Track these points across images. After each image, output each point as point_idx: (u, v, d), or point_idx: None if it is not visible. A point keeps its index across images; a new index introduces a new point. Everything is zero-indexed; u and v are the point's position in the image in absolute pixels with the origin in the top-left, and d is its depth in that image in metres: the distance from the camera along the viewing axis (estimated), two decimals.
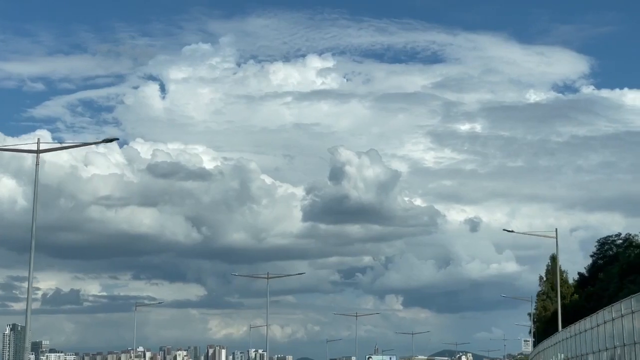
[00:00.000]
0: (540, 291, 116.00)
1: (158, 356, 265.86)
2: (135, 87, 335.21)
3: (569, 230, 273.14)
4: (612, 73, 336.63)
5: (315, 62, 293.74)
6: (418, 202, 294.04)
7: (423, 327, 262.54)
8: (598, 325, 38.99)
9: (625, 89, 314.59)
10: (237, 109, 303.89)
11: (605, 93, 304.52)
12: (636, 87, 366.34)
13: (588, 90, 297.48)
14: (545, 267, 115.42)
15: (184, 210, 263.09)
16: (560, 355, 56.49)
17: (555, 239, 68.24)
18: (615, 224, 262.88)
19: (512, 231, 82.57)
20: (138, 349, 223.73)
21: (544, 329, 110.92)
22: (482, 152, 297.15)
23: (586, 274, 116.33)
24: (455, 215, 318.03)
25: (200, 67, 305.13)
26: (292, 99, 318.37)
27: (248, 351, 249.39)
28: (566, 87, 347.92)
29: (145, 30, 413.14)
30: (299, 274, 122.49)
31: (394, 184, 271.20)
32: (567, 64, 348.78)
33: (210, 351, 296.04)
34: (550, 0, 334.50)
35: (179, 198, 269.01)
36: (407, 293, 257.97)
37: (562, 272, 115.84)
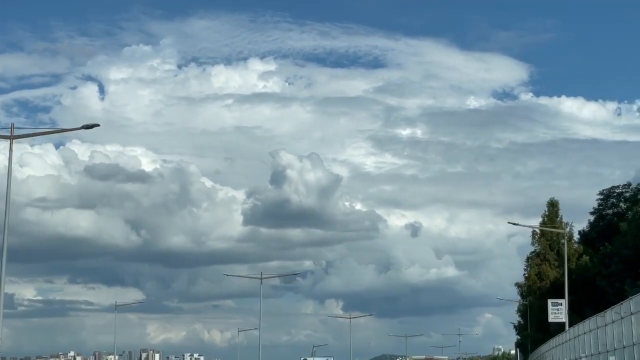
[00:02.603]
0: (533, 252, 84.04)
1: None
2: (73, 88, 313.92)
3: (507, 235, 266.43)
4: (550, 80, 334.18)
5: (257, 65, 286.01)
6: (359, 206, 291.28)
7: (363, 332, 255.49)
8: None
9: (563, 97, 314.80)
10: (177, 111, 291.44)
11: (543, 100, 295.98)
12: (573, 95, 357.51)
13: (527, 97, 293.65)
14: (541, 218, 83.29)
15: (123, 213, 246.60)
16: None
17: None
18: None
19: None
20: (69, 354, 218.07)
21: (538, 306, 79.03)
22: (423, 158, 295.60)
23: (593, 234, 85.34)
24: (396, 220, 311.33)
25: (140, 69, 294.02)
26: (233, 101, 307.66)
27: (183, 355, 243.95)
28: (505, 94, 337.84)
29: (83, 30, 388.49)
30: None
31: (335, 188, 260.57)
32: (506, 70, 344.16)
33: (144, 355, 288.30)
34: (489, 7, 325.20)
35: (118, 200, 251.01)
36: (347, 298, 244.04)
37: (562, 224, 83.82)
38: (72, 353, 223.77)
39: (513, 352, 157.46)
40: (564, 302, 56.38)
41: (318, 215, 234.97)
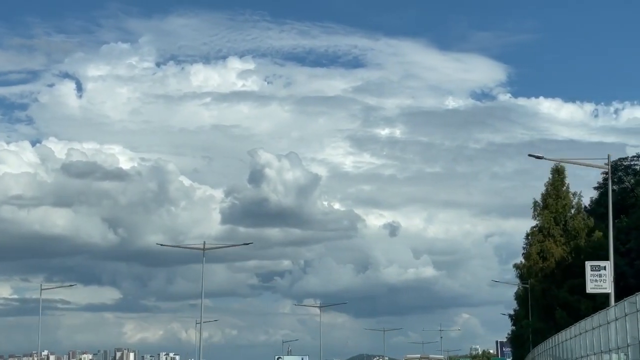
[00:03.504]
0: (535, 228, 71.38)
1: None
2: (51, 85, 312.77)
3: (485, 236, 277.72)
4: (528, 82, 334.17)
5: (235, 64, 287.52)
6: (337, 206, 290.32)
7: (340, 332, 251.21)
8: None
9: (541, 98, 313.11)
10: (155, 109, 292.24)
11: (521, 101, 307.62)
12: (551, 96, 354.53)
13: (505, 98, 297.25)
14: (544, 188, 70.80)
15: (100, 211, 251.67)
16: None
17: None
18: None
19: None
20: (43, 353, 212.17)
21: (541, 290, 66.80)
22: (401, 157, 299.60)
23: (601, 209, 73.19)
24: (374, 220, 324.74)
25: (118, 66, 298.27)
26: (212, 100, 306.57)
27: (159, 355, 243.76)
28: (484, 95, 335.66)
29: (61, 27, 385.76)
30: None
31: (314, 188, 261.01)
32: (484, 71, 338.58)
33: (118, 354, 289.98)
34: (468, 7, 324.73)
35: (95, 199, 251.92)
36: (325, 297, 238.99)
37: (569, 195, 71.36)
38: (45, 352, 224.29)
39: (492, 351, 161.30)
40: (608, 266, 41.65)
41: (296, 214, 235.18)
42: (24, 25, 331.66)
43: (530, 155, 47.87)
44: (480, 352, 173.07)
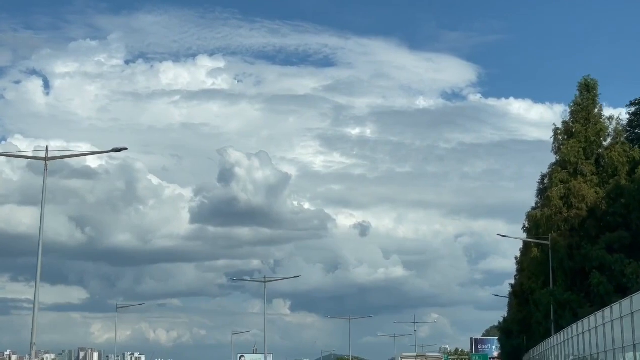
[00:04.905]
0: (555, 165, 52.90)
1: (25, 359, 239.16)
2: (17, 82, 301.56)
3: (454, 236, 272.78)
4: (498, 82, 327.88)
5: (205, 62, 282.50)
6: (307, 205, 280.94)
7: (310, 332, 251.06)
8: None
9: (511, 99, 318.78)
10: (123, 107, 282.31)
11: (491, 101, 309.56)
12: (521, 97, 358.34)
13: (475, 98, 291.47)
14: (568, 110, 52.52)
15: (68, 210, 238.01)
16: None
17: None
18: (498, 231, 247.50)
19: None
20: (5, 353, 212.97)
21: (567, 248, 48.72)
22: (371, 157, 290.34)
23: None
24: (344, 219, 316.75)
25: (86, 63, 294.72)
26: (181, 98, 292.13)
27: (124, 354, 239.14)
28: (454, 95, 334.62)
29: (28, 23, 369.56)
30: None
31: (284, 187, 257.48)
32: (455, 71, 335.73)
33: (82, 354, 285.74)
34: (438, 7, 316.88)
35: (62, 197, 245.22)
36: (294, 297, 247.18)
37: (603, 120, 52.85)
38: (8, 352, 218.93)
39: (465, 349, 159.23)
40: None
41: (266, 214, 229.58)
42: None
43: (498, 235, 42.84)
44: (452, 351, 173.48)
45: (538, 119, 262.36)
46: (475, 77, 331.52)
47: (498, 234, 52.51)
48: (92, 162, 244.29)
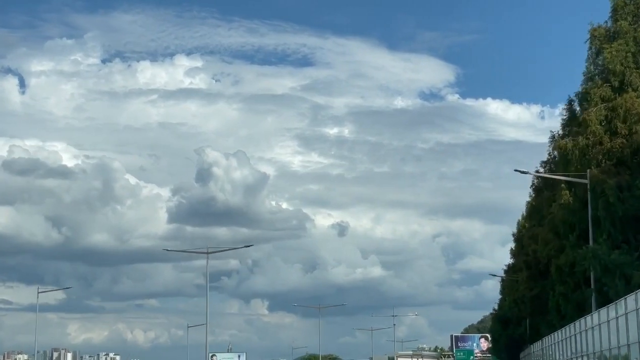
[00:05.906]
0: (587, 79, 39.47)
1: None
2: None
3: (432, 236, 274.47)
4: (476, 82, 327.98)
5: (183, 61, 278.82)
6: (285, 205, 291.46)
7: (288, 332, 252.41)
8: None
9: (489, 99, 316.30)
10: (100, 106, 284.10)
11: (469, 102, 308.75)
12: (499, 97, 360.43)
13: (453, 98, 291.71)
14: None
15: (44, 210, 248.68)
16: None
17: None
18: (475, 231, 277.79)
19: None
20: None
21: (615, 189, 35.16)
22: (349, 157, 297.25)
23: None
24: (322, 219, 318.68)
25: (62, 62, 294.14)
26: (158, 97, 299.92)
27: (98, 355, 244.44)
28: (432, 95, 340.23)
29: (3, 21, 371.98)
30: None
31: (262, 187, 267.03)
32: (433, 71, 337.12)
33: (55, 355, 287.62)
34: (415, 6, 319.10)
35: (38, 197, 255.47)
36: (272, 297, 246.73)
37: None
38: None
39: (445, 347, 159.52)
40: None
41: (244, 213, 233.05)
42: None
43: (516, 170, 42.77)
44: (432, 348, 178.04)
45: (515, 119, 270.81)
46: (453, 77, 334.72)
47: (515, 169, 39.76)
48: (69, 161, 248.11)
